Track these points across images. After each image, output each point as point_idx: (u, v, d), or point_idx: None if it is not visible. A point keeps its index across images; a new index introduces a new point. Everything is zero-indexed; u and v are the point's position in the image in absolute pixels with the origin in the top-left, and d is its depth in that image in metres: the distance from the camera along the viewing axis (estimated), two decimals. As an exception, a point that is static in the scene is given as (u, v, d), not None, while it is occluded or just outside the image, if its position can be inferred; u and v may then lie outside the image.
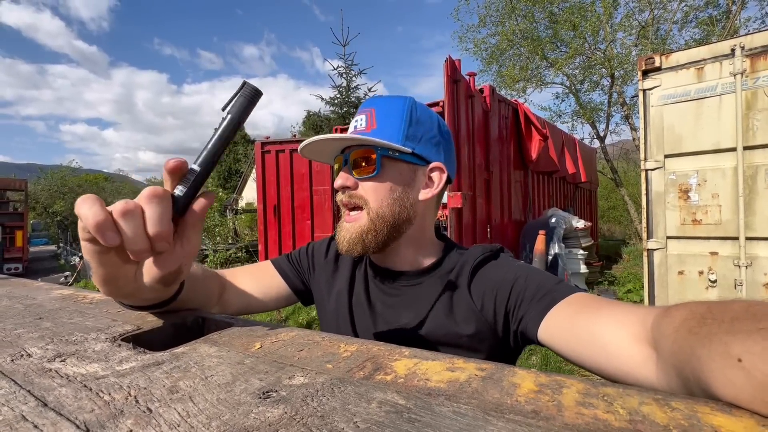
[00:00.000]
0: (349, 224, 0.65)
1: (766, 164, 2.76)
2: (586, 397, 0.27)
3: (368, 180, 0.63)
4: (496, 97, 4.76)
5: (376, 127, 0.64)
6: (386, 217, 0.63)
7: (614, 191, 12.81)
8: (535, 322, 0.53)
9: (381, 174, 0.63)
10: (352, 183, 0.64)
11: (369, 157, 0.63)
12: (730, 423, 0.23)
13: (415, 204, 0.66)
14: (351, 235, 0.64)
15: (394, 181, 0.64)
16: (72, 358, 0.40)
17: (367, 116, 0.65)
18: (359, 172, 0.64)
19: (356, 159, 0.64)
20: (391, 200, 0.63)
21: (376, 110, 0.65)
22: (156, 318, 0.54)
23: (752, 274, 2.81)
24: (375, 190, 0.63)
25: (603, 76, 9.89)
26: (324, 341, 0.42)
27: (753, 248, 2.82)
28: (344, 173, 0.65)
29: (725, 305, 0.30)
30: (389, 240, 0.64)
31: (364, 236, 0.63)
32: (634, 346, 0.40)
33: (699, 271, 3.06)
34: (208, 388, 0.32)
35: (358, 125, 0.66)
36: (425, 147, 0.66)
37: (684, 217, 3.09)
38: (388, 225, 0.63)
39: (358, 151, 0.64)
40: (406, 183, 0.65)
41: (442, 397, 0.28)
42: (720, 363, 0.26)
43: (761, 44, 2.76)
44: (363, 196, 0.64)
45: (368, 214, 0.63)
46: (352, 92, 12.13)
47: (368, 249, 0.63)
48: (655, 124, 3.19)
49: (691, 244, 3.09)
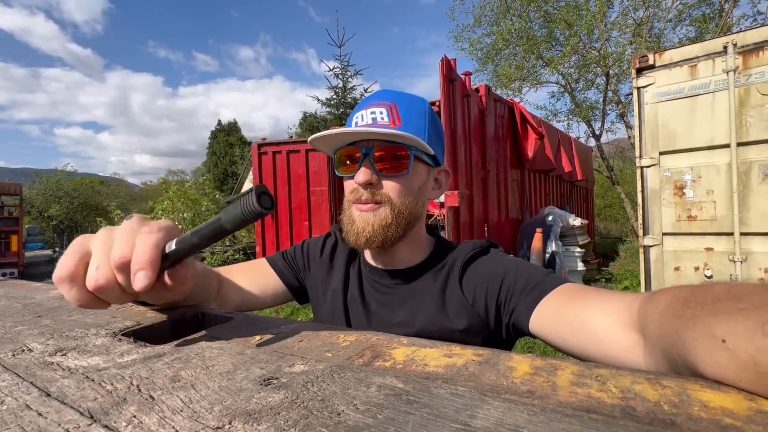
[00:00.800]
0: (367, 214, 0.62)
1: (759, 160, 2.79)
2: (580, 377, 0.27)
3: (395, 178, 0.62)
4: (492, 96, 4.78)
5: (402, 124, 0.62)
6: (405, 214, 0.63)
7: (610, 189, 12.88)
8: (526, 313, 0.54)
9: (410, 174, 0.63)
10: (375, 180, 0.62)
11: (401, 154, 0.61)
12: (719, 398, 0.23)
13: (425, 203, 0.68)
14: (373, 227, 0.61)
15: (417, 182, 0.65)
16: (73, 352, 0.40)
17: (388, 110, 0.63)
18: (386, 170, 0.62)
19: (383, 155, 0.61)
20: (412, 198, 0.64)
21: (399, 106, 0.64)
22: (156, 314, 0.54)
23: (747, 269, 2.84)
24: (401, 189, 0.62)
25: (598, 75, 9.94)
26: (323, 332, 0.43)
27: (748, 243, 2.84)
28: (367, 170, 0.61)
29: (707, 288, 0.31)
30: (402, 236, 0.64)
31: (386, 229, 0.61)
32: (621, 332, 0.41)
33: (695, 267, 3.08)
34: (209, 376, 0.32)
35: (379, 118, 0.62)
36: (439, 149, 0.68)
37: (679, 213, 3.12)
38: (405, 222, 0.63)
39: (387, 146, 0.61)
40: (424, 183, 0.66)
41: (439, 381, 0.28)
42: (705, 344, 0.27)
43: (753, 41, 2.79)
44: (387, 194, 0.62)
45: (391, 209, 0.62)
46: (348, 93, 12.13)
47: (387, 243, 0.63)
48: (649, 122, 3.22)
49: (687, 240, 3.12)
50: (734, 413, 0.22)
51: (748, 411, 0.22)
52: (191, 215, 8.47)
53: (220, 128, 30.31)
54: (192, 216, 8.47)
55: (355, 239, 0.63)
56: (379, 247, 0.63)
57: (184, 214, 8.42)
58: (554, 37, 10.12)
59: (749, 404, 0.23)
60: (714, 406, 0.23)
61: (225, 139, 28.94)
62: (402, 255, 0.69)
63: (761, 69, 2.79)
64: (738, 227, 2.84)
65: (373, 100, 0.66)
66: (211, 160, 29.08)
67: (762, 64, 2.78)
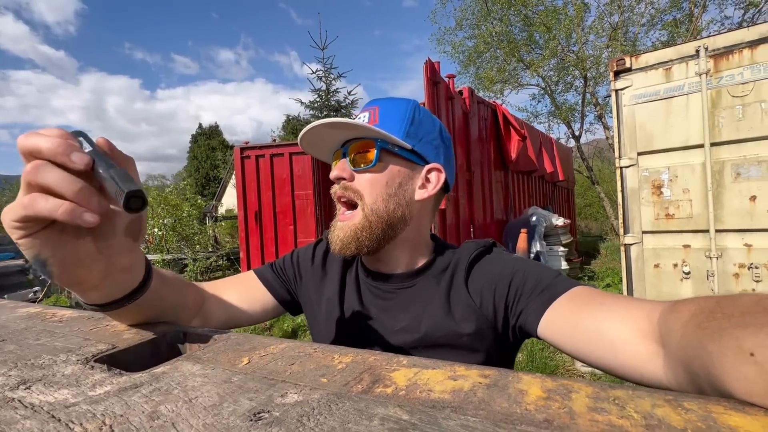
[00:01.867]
0: (342, 223, 0.63)
1: (731, 159, 2.89)
2: (597, 401, 0.26)
3: (365, 172, 0.62)
4: (475, 99, 4.83)
5: (378, 122, 0.63)
6: (380, 212, 0.61)
7: (590, 189, 13.21)
8: (535, 316, 0.53)
9: (378, 167, 0.61)
10: (348, 174, 0.63)
11: (367, 148, 0.62)
12: (747, 422, 0.22)
13: (411, 203, 0.64)
14: (345, 234, 0.62)
15: (391, 176, 0.62)
16: (38, 384, 0.37)
17: (370, 113, 0.64)
18: (357, 164, 0.62)
19: (354, 150, 0.63)
20: (386, 195, 0.62)
21: (380, 108, 0.64)
22: (133, 335, 0.50)
23: (722, 264, 2.94)
24: (371, 183, 0.62)
25: (576, 78, 10.20)
26: (316, 353, 0.40)
27: (722, 240, 2.94)
28: (342, 164, 0.64)
29: (734, 299, 0.30)
30: (384, 239, 0.62)
31: (358, 234, 0.61)
32: (640, 341, 0.39)
33: (673, 264, 3.17)
34: (192, 412, 0.29)
35: (361, 121, 0.64)
36: (425, 147, 0.65)
37: (658, 212, 3.21)
38: (382, 222, 0.61)
39: (358, 143, 0.63)
40: (403, 180, 0.64)
41: (447, 410, 0.26)
42: (732, 358, 0.25)
43: (723, 45, 2.89)
44: (358, 190, 0.62)
45: (362, 210, 0.61)
46: (331, 96, 12.07)
47: (362, 248, 0.61)
48: (627, 123, 3.30)
49: (666, 237, 3.21)
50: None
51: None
52: (172, 221, 8.23)
53: (201, 132, 29.73)
54: (173, 222, 8.24)
55: (332, 247, 0.64)
56: (355, 253, 0.62)
57: (164, 219, 8.17)
58: (534, 40, 10.34)
59: (780, 429, 0.21)
60: (744, 431, 0.21)
61: (206, 142, 28.40)
62: (399, 258, 0.67)
63: (731, 72, 2.90)
64: (713, 224, 2.93)
65: (364, 107, 0.67)
66: (192, 165, 28.47)
67: (732, 67, 2.89)
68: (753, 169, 2.82)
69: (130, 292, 0.46)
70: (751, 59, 2.80)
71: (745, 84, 2.82)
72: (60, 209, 0.32)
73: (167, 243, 8.22)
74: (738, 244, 2.89)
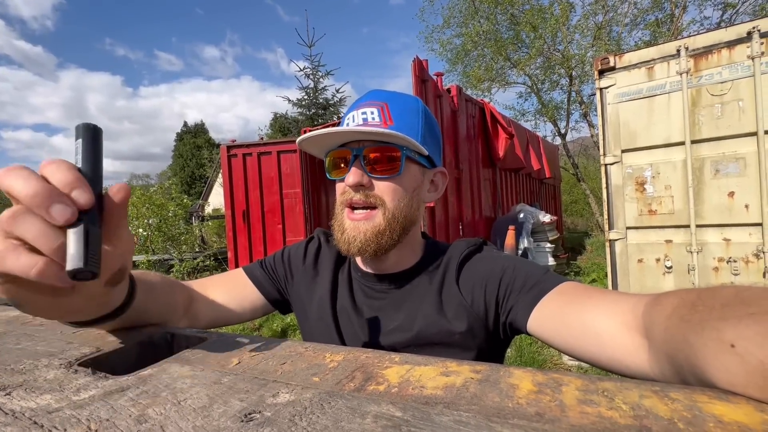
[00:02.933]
0: (359, 222, 0.60)
1: (711, 156, 2.98)
2: (587, 393, 0.26)
3: (387, 180, 0.60)
4: (464, 97, 4.85)
5: (394, 123, 0.60)
6: (399, 218, 0.60)
7: (576, 186, 13.45)
8: (524, 313, 0.53)
9: (402, 175, 0.60)
10: (367, 181, 0.59)
11: (392, 155, 0.59)
12: (730, 411, 0.23)
13: (421, 206, 0.65)
14: (365, 235, 0.59)
15: (411, 183, 0.62)
16: (19, 390, 0.35)
17: (379, 110, 0.61)
18: (378, 171, 0.59)
19: (375, 156, 0.59)
20: (406, 201, 0.61)
21: (390, 105, 0.61)
22: (118, 337, 0.49)
23: (703, 259, 3.02)
24: (394, 190, 0.60)
25: (562, 76, 10.35)
26: (308, 351, 0.40)
27: (703, 235, 3.03)
28: (358, 170, 0.59)
29: (715, 291, 0.31)
30: (398, 241, 0.62)
31: (380, 236, 0.59)
32: (625, 334, 0.40)
33: (656, 259, 3.25)
34: (181, 414, 0.29)
35: (370, 118, 0.60)
36: (434, 150, 0.65)
37: (641, 208, 3.28)
38: (400, 225, 0.60)
39: (378, 147, 0.59)
40: (418, 185, 0.64)
41: (440, 406, 0.26)
42: (713, 349, 0.26)
43: (703, 45, 2.97)
44: (380, 196, 0.60)
45: (384, 214, 0.59)
46: (319, 94, 12.00)
47: (381, 249, 0.60)
48: (612, 121, 3.36)
49: (649, 233, 3.29)
50: (749, 428, 0.21)
51: (762, 425, 0.21)
52: (157, 221, 8.07)
53: (186, 130, 29.21)
54: (158, 222, 8.07)
55: (346, 248, 0.61)
56: (373, 255, 0.60)
57: (149, 220, 8.01)
58: (520, 39, 10.45)
59: (762, 416, 0.22)
60: (728, 420, 0.22)
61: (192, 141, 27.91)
62: (395, 259, 0.67)
63: (710, 71, 2.98)
64: (694, 220, 3.02)
65: (365, 100, 0.63)
66: (177, 163, 27.96)
67: (711, 66, 2.97)
68: (731, 165, 2.91)
69: (111, 311, 0.45)
70: (729, 59, 2.88)
71: (723, 83, 2.90)
72: (33, 269, 0.29)
73: (153, 244, 8.06)
74: (717, 238, 2.98)
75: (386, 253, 0.62)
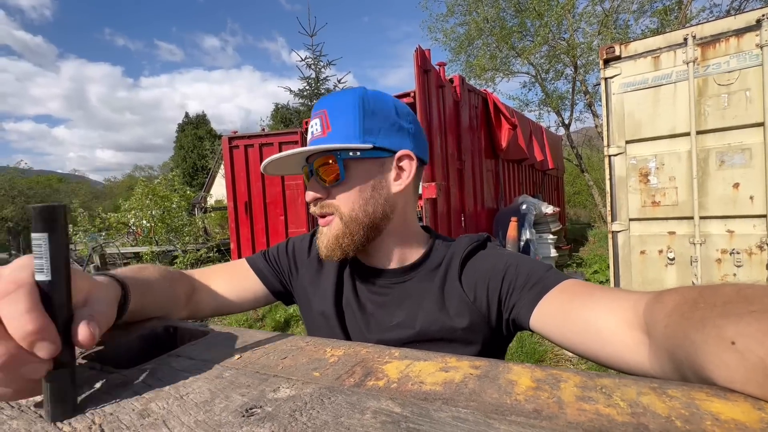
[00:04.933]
0: (324, 228, 0.64)
1: (716, 147, 2.94)
2: (585, 390, 0.26)
3: (335, 187, 0.62)
4: (466, 87, 4.80)
5: (331, 129, 0.61)
6: (359, 219, 0.61)
7: (579, 177, 13.36)
8: (527, 310, 0.54)
9: (347, 178, 0.61)
10: (322, 194, 0.63)
11: (330, 164, 0.61)
12: (728, 409, 0.23)
13: (389, 198, 0.63)
14: (328, 241, 0.62)
15: (362, 182, 0.62)
16: (25, 383, 0.36)
17: (320, 119, 0.63)
18: (325, 181, 0.62)
19: (320, 167, 0.62)
20: (362, 201, 0.61)
21: (328, 111, 0.62)
22: (122, 331, 0.49)
23: (706, 250, 3.01)
24: (345, 195, 0.61)
25: (567, 65, 10.20)
26: (308, 346, 0.40)
27: (706, 226, 3.01)
28: (313, 184, 0.63)
29: (716, 289, 0.30)
30: (368, 239, 0.63)
31: (339, 240, 0.61)
32: (626, 331, 0.40)
33: (659, 250, 3.24)
34: (184, 408, 0.29)
35: (315, 131, 0.63)
36: (387, 137, 0.62)
37: (644, 199, 3.26)
38: (363, 226, 0.61)
39: (320, 159, 0.62)
40: (376, 180, 0.62)
41: (439, 402, 0.27)
42: (714, 346, 0.26)
43: (710, 33, 2.91)
44: (334, 204, 0.62)
45: (341, 218, 0.61)
46: (321, 84, 11.90)
47: (347, 252, 0.62)
48: (616, 112, 3.32)
49: (651, 224, 3.27)
50: (747, 426, 0.21)
51: (759, 423, 0.21)
52: (160, 212, 8.10)
53: (187, 121, 29.11)
54: (161, 213, 8.10)
55: (320, 252, 0.65)
56: (341, 257, 0.63)
57: (152, 211, 8.04)
58: (525, 27, 10.28)
59: (759, 415, 0.22)
60: (725, 418, 0.22)
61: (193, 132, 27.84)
62: (390, 252, 0.67)
63: (717, 60, 2.93)
64: (697, 211, 3.00)
65: (314, 111, 0.65)
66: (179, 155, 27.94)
67: (718, 55, 2.92)
68: (737, 156, 2.87)
69: None
70: (738, 47, 2.82)
71: (731, 72, 2.85)
72: None
73: (156, 235, 8.11)
74: (721, 230, 2.96)
75: (365, 249, 0.65)
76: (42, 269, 0.28)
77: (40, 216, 0.27)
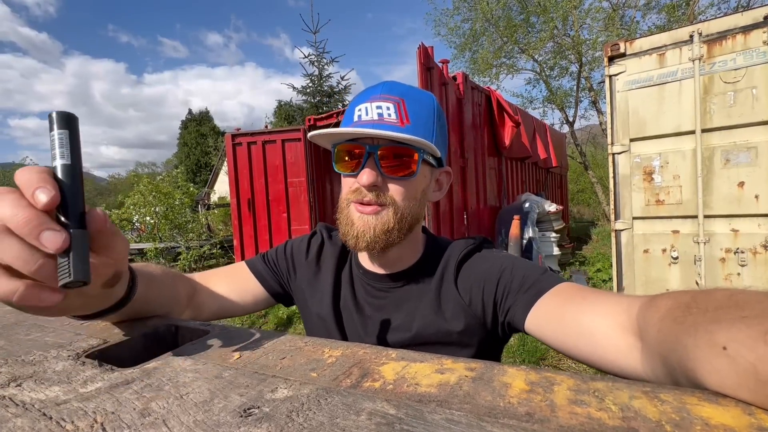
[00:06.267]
0: (369, 217, 0.58)
1: (721, 146, 2.92)
2: (578, 393, 0.27)
3: (401, 181, 0.59)
4: (469, 84, 4.78)
5: (411, 123, 0.58)
6: (407, 217, 0.60)
7: (583, 175, 13.28)
8: (522, 313, 0.54)
9: (416, 177, 0.60)
10: (381, 182, 0.58)
11: (409, 158, 0.58)
12: (719, 413, 0.23)
13: (425, 206, 0.66)
14: (374, 231, 0.58)
15: (422, 184, 0.62)
16: (29, 381, 0.37)
17: (396, 107, 0.58)
18: (392, 172, 0.58)
19: (389, 156, 0.58)
20: (415, 202, 0.61)
21: (407, 102, 0.59)
22: (124, 329, 0.50)
23: (710, 249, 2.99)
24: (406, 191, 0.60)
25: (572, 62, 10.12)
26: (307, 346, 0.41)
27: (710, 225, 2.99)
28: (372, 171, 0.57)
29: (708, 294, 0.31)
30: (402, 240, 0.62)
31: (388, 234, 0.58)
32: (619, 335, 0.41)
33: (662, 249, 3.22)
34: (183, 408, 0.29)
35: (386, 115, 0.58)
36: (443, 150, 0.64)
37: (648, 198, 3.24)
38: (408, 225, 0.61)
39: (395, 147, 0.57)
40: (427, 185, 0.64)
41: (433, 404, 0.27)
42: (705, 351, 0.26)
43: (717, 31, 2.88)
44: (392, 197, 0.59)
45: (394, 213, 0.59)
46: (324, 81, 11.88)
47: (391, 244, 0.60)
48: (620, 109, 3.30)
49: (655, 223, 3.25)
50: (736, 431, 0.21)
51: (749, 428, 0.21)
52: (164, 209, 8.15)
53: (191, 118, 29.20)
54: (165, 210, 8.15)
55: (354, 242, 0.60)
56: (380, 251, 0.60)
57: (156, 208, 8.08)
58: (531, 23, 10.20)
59: (749, 420, 0.22)
60: (715, 423, 0.22)
61: (196, 129, 27.93)
62: (397, 257, 0.67)
63: (724, 58, 2.90)
64: (702, 210, 2.98)
65: (379, 93, 0.60)
66: (182, 151, 28.05)
67: (725, 53, 2.88)
68: (742, 155, 2.85)
69: (112, 305, 0.45)
70: (744, 45, 2.79)
71: (737, 70, 2.82)
72: (16, 295, 0.30)
73: (160, 231, 8.16)
74: (725, 229, 2.94)
75: (390, 249, 0.62)
76: (63, 156, 0.32)
77: (63, 118, 0.33)
